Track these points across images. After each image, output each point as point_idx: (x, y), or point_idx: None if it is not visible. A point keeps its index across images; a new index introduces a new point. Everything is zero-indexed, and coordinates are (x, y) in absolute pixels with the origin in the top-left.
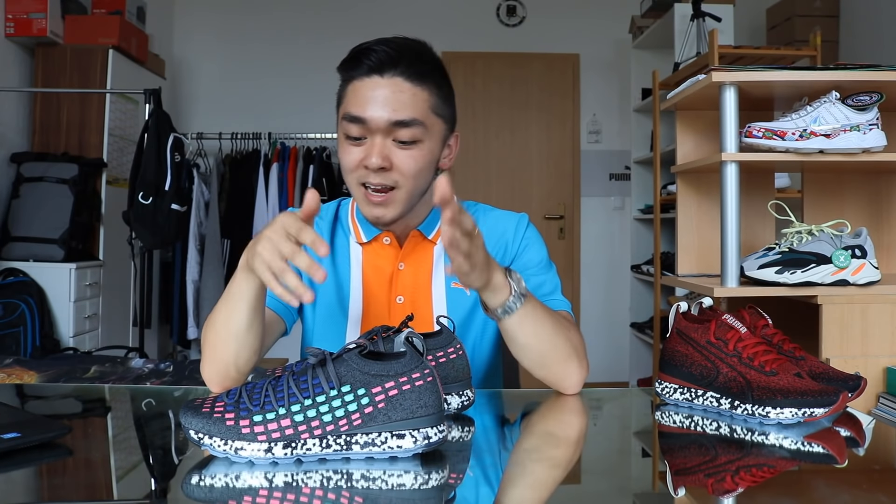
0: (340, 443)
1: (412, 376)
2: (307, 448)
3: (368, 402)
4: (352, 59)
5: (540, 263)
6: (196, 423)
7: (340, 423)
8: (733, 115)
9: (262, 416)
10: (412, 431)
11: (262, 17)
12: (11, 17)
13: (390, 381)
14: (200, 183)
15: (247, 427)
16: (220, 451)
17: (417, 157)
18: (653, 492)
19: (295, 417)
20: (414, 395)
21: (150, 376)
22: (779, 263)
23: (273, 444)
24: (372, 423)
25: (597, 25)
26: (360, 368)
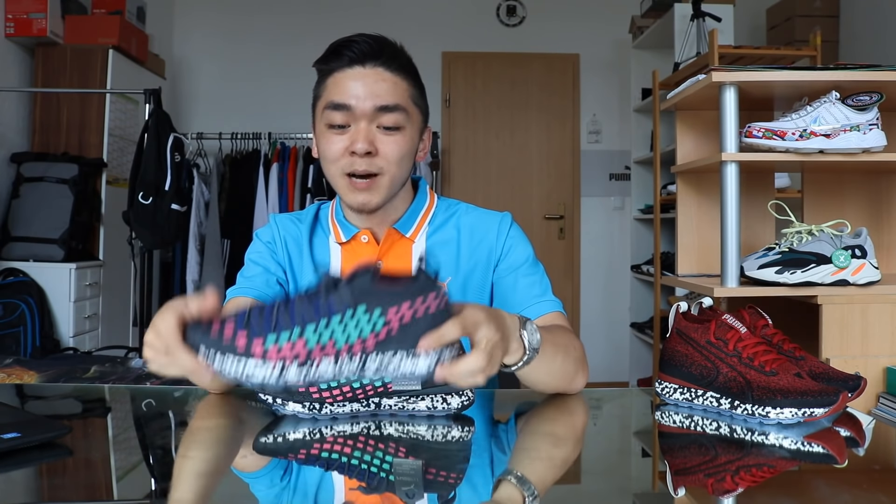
0: (354, 364)
1: (428, 297)
2: (320, 370)
3: (384, 322)
4: (332, 53)
5: (527, 262)
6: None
7: (354, 347)
8: (733, 115)
9: (275, 335)
10: (425, 355)
11: (262, 17)
12: (11, 17)
13: (406, 302)
14: (200, 183)
15: (259, 347)
16: (229, 373)
17: (401, 142)
18: (653, 492)
19: (309, 340)
20: (428, 318)
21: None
22: (779, 263)
23: (286, 367)
24: (386, 344)
25: (597, 25)
26: (374, 288)
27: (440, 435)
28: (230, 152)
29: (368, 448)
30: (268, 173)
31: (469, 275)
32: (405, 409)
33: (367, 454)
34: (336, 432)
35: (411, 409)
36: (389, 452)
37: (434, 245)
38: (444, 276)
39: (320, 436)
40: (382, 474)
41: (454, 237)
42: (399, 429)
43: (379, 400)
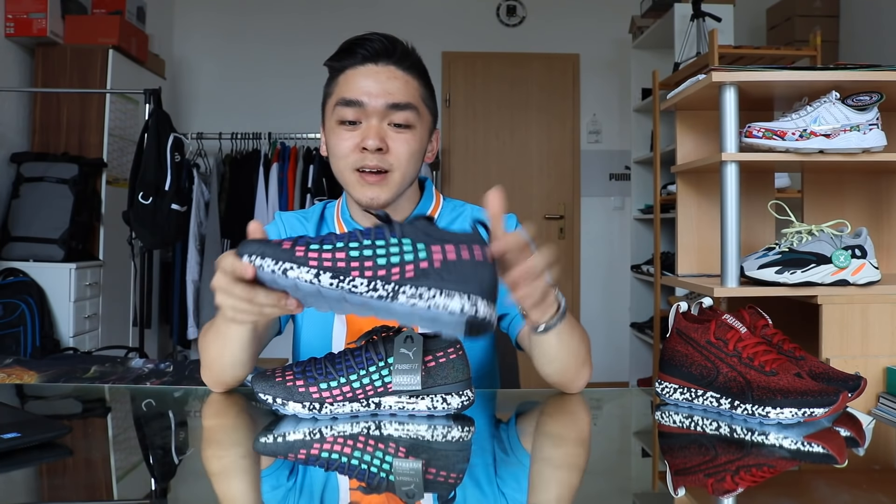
0: (388, 289)
1: (473, 248)
2: (353, 285)
3: (425, 257)
4: (345, 50)
5: None
6: (254, 247)
7: (393, 270)
8: (733, 115)
9: (318, 245)
10: (462, 295)
11: (262, 17)
12: (11, 17)
13: (450, 246)
14: (200, 183)
15: (301, 251)
16: (268, 270)
17: (411, 141)
18: (653, 492)
19: (351, 253)
20: (471, 264)
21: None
22: (779, 263)
23: (322, 271)
24: (423, 278)
25: (597, 25)
26: (425, 230)
27: (440, 435)
28: (230, 152)
29: (368, 448)
30: (268, 173)
31: None
32: (405, 409)
33: (367, 454)
34: (336, 432)
35: (411, 409)
36: (389, 452)
37: None
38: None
39: (320, 436)
40: (382, 474)
41: None
42: (399, 429)
43: (379, 400)
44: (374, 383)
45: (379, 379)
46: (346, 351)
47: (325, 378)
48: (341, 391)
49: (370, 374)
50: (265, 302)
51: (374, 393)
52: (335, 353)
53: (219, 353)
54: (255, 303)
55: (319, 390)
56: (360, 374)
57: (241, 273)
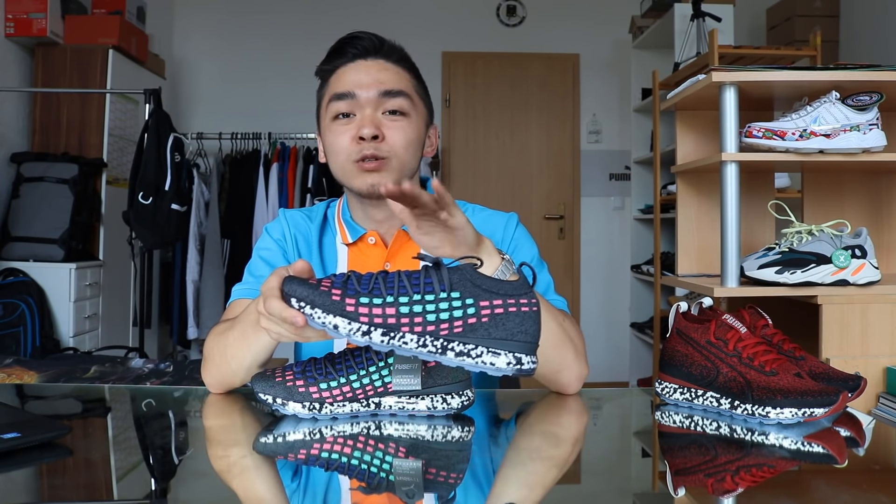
0: (437, 345)
1: (520, 301)
2: (404, 341)
3: (474, 312)
4: (334, 51)
5: (531, 262)
6: (302, 292)
7: (441, 326)
8: (733, 115)
9: (368, 298)
10: (507, 353)
11: (263, 18)
12: (11, 17)
13: (498, 300)
14: (200, 183)
15: (352, 306)
16: (319, 322)
17: (406, 128)
18: (653, 492)
19: (401, 309)
20: (518, 318)
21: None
22: (779, 263)
23: (373, 328)
24: (472, 334)
25: (597, 25)
26: (473, 280)
27: (440, 435)
28: (230, 152)
29: (368, 448)
30: (268, 173)
31: None
32: (405, 409)
33: (367, 454)
34: (336, 432)
35: (411, 409)
36: (389, 452)
37: None
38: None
39: (320, 436)
40: (382, 474)
41: None
42: (399, 429)
43: (379, 400)
44: (374, 383)
45: (379, 379)
46: (346, 351)
47: (325, 378)
48: (341, 391)
49: (370, 374)
50: (314, 336)
51: (374, 393)
52: (335, 353)
53: (239, 355)
54: (302, 337)
55: (319, 390)
56: (360, 374)
57: (292, 322)
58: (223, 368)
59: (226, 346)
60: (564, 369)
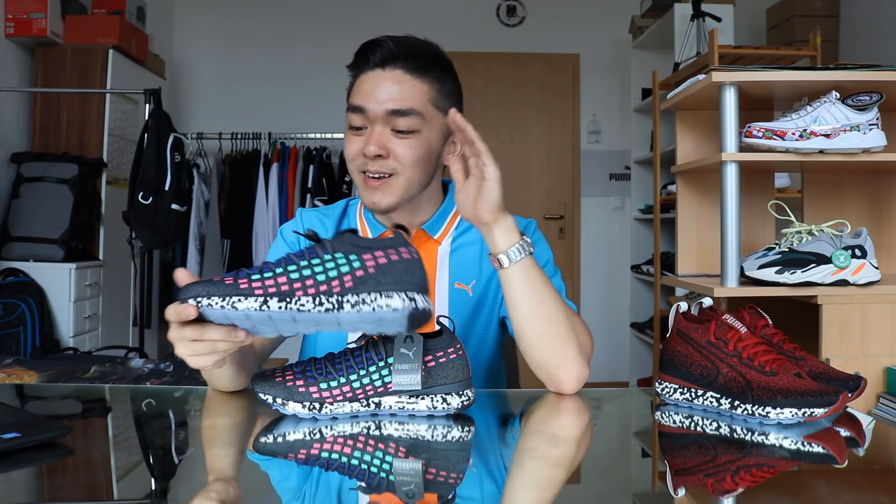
0: (332, 301)
1: (399, 249)
2: (301, 304)
3: (360, 265)
4: (359, 55)
5: (545, 267)
6: (196, 290)
7: (333, 284)
8: (733, 115)
9: (260, 275)
10: (399, 293)
11: (263, 18)
12: (11, 17)
13: (379, 251)
14: (200, 183)
15: (245, 283)
16: (217, 307)
17: (415, 146)
18: (653, 492)
19: (291, 276)
20: (402, 264)
21: (150, 376)
22: (779, 263)
23: (268, 297)
24: (362, 285)
25: (597, 25)
26: (353, 242)
27: (440, 435)
28: (230, 152)
29: (368, 448)
30: (268, 173)
31: (491, 278)
32: (405, 409)
33: (367, 454)
34: (336, 432)
35: (411, 409)
36: (389, 452)
37: (460, 247)
38: (468, 279)
39: (320, 436)
40: (382, 474)
41: (479, 240)
42: (399, 429)
43: (379, 400)
44: (374, 383)
45: (379, 379)
46: (346, 351)
47: (325, 378)
48: (341, 391)
49: (370, 374)
50: (216, 337)
51: (374, 393)
52: (335, 353)
53: (209, 379)
54: (207, 340)
55: (319, 390)
56: (360, 374)
57: (185, 315)
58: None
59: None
60: (566, 364)
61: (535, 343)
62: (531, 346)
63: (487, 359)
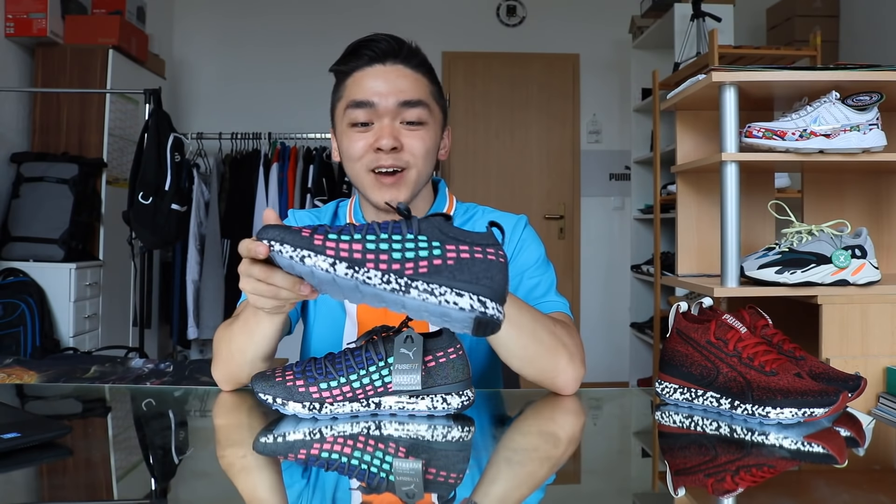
0: (401, 283)
1: (486, 249)
2: (368, 276)
3: (440, 254)
4: (351, 53)
5: (536, 264)
6: (274, 233)
7: (407, 265)
8: (733, 115)
9: (336, 235)
10: (472, 295)
11: (263, 18)
12: (11, 17)
13: (464, 245)
14: (200, 183)
15: (319, 240)
16: (287, 256)
17: (425, 137)
18: (653, 492)
19: (367, 245)
20: (484, 264)
21: (150, 376)
22: (779, 263)
23: (338, 261)
24: (436, 275)
25: (597, 25)
26: (441, 228)
27: (440, 435)
28: (230, 152)
29: (368, 448)
30: (268, 173)
31: None
32: (405, 409)
33: (367, 454)
34: (336, 432)
35: (411, 409)
36: (389, 452)
37: None
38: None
39: (320, 436)
40: (382, 474)
41: None
42: (399, 429)
43: (379, 400)
44: (374, 383)
45: (379, 379)
46: (346, 351)
47: (325, 378)
48: (341, 391)
49: (370, 374)
50: (282, 284)
51: (374, 393)
52: (335, 353)
53: (243, 346)
54: (272, 284)
55: (319, 390)
56: (360, 374)
57: (255, 253)
58: (230, 363)
59: (230, 339)
60: (559, 374)
61: (526, 369)
62: (521, 370)
63: (483, 358)
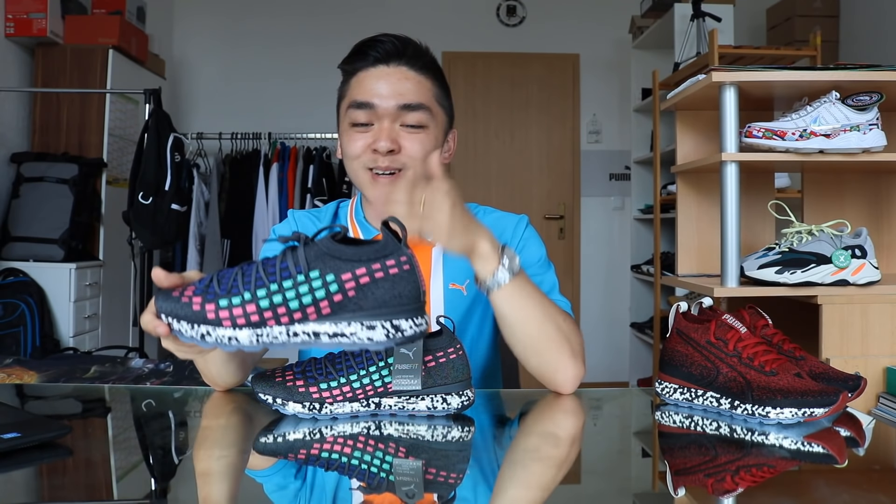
0: (308, 332)
1: (386, 263)
2: (273, 335)
3: (337, 289)
4: (357, 53)
5: (538, 263)
6: (167, 307)
7: (308, 311)
8: (733, 115)
9: (227, 300)
10: (383, 322)
11: (263, 18)
12: (11, 17)
13: (361, 268)
14: (200, 183)
15: (212, 312)
16: (188, 335)
17: (424, 140)
18: (653, 492)
19: (260, 303)
20: (387, 283)
21: (150, 376)
22: (779, 263)
23: (238, 329)
24: (341, 312)
25: (597, 25)
26: (331, 252)
27: (440, 435)
28: (230, 152)
29: (368, 448)
30: (268, 173)
31: None
32: (405, 409)
33: (367, 454)
34: (336, 432)
35: (411, 409)
36: (389, 452)
37: None
38: (462, 278)
39: (320, 436)
40: (382, 474)
41: None
42: (399, 429)
43: (379, 400)
44: (374, 383)
45: (379, 379)
46: (346, 351)
47: (325, 378)
48: (341, 391)
49: (370, 374)
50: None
51: (374, 393)
52: (335, 353)
53: (203, 368)
54: (190, 348)
55: (319, 390)
56: (360, 374)
57: (158, 333)
58: (205, 376)
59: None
60: (560, 370)
61: (529, 357)
62: (525, 359)
63: (483, 358)
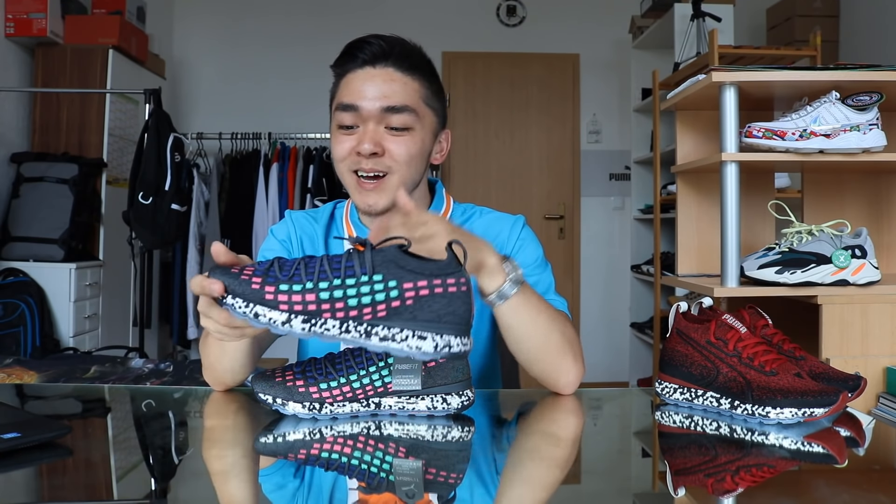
0: (360, 330)
1: (447, 281)
2: (326, 327)
3: (397, 295)
4: (346, 54)
5: (535, 263)
6: (225, 280)
7: (364, 311)
8: (733, 115)
9: (288, 285)
10: (435, 335)
11: (263, 18)
12: (11, 17)
13: (423, 280)
14: (200, 183)
15: (271, 294)
16: (240, 311)
17: (409, 143)
18: (653, 492)
19: (321, 294)
20: (444, 299)
21: (150, 376)
22: (779, 263)
23: (293, 315)
24: (396, 317)
25: (597, 25)
26: (397, 261)
27: (440, 435)
28: (230, 152)
29: (368, 448)
30: (268, 173)
31: None
32: (405, 409)
33: (367, 454)
34: (336, 432)
35: (411, 409)
36: (389, 452)
37: None
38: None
39: (320, 436)
40: (382, 474)
41: None
42: (399, 429)
43: (379, 400)
44: (374, 383)
45: (379, 379)
46: (346, 351)
47: (325, 378)
48: (341, 391)
49: (370, 374)
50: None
51: (374, 393)
52: (335, 353)
53: (217, 358)
54: (235, 327)
55: (319, 390)
56: (360, 374)
57: (210, 291)
58: (211, 371)
59: (208, 351)
60: (563, 374)
61: (533, 364)
62: (529, 365)
63: (480, 359)
